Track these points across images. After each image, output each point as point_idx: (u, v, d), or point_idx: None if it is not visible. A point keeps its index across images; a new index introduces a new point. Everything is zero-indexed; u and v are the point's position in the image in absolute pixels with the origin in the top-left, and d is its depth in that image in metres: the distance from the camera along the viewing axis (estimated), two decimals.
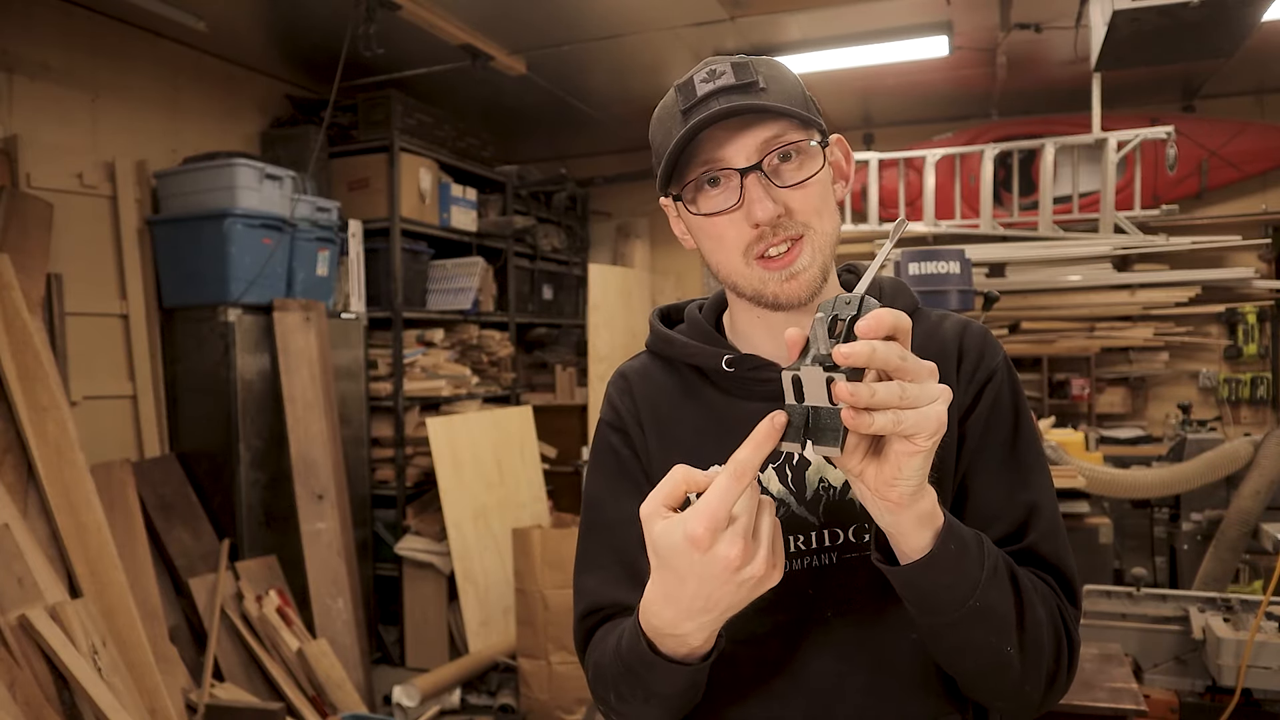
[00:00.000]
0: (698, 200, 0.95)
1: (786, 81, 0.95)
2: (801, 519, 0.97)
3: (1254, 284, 4.93)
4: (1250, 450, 3.21)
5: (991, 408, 0.98)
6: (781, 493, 0.98)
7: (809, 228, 0.93)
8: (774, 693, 0.97)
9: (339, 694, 3.36)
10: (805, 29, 4.10)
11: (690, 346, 1.04)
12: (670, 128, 0.95)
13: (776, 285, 0.94)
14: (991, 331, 1.05)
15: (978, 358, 1.00)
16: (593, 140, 6.01)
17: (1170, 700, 2.44)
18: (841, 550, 0.96)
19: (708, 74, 0.93)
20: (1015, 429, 0.99)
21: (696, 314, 1.09)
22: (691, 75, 0.94)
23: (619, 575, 1.02)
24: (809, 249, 0.93)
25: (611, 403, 1.09)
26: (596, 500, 1.07)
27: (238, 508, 3.60)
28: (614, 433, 1.07)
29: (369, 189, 4.38)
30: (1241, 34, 3.17)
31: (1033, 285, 4.88)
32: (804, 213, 0.93)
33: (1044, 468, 0.99)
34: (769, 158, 0.92)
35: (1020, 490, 0.96)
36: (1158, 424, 5.13)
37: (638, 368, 1.10)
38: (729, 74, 0.92)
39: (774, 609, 0.96)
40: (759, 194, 0.91)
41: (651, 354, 1.10)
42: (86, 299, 3.47)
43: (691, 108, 0.92)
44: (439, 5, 3.69)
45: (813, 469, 0.97)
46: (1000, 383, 0.99)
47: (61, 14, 3.45)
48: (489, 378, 5.04)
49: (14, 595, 2.55)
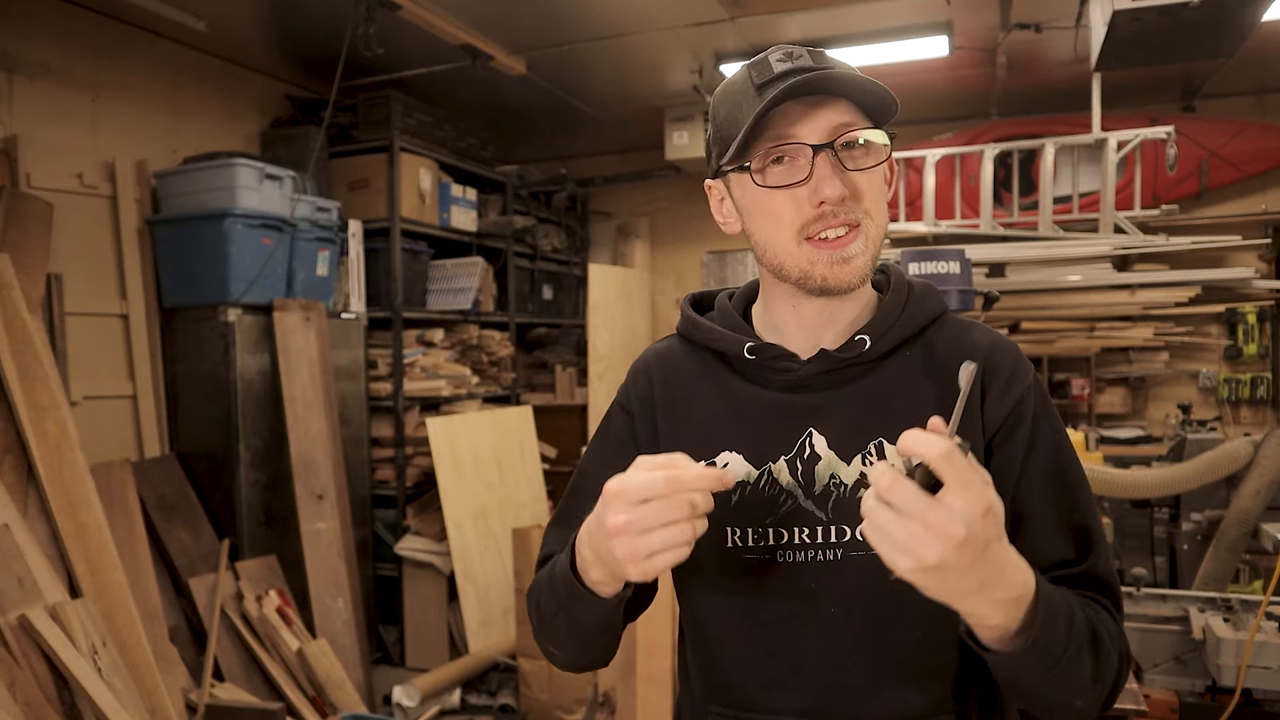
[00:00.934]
0: (765, 173, 0.95)
1: (858, 76, 0.96)
2: (809, 513, 0.97)
3: (1254, 284, 4.93)
4: (1250, 450, 3.21)
5: (1032, 430, 0.98)
6: (790, 485, 0.98)
7: (869, 215, 0.94)
8: (776, 681, 0.98)
9: (339, 694, 3.36)
10: (805, 29, 4.10)
11: (715, 332, 1.05)
12: (740, 102, 0.95)
13: (826, 267, 0.94)
14: (1020, 348, 1.05)
15: (1009, 377, 0.99)
16: (593, 140, 6.00)
17: (1170, 700, 2.43)
18: (848, 548, 0.96)
19: (784, 54, 0.94)
20: (1057, 449, 0.99)
21: (726, 302, 1.10)
22: (766, 55, 0.95)
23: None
24: (864, 237, 0.94)
25: (626, 384, 1.12)
26: (585, 468, 1.12)
27: (238, 508, 3.59)
28: (621, 412, 1.11)
29: (369, 189, 4.38)
30: (1241, 34, 3.17)
31: (1033, 285, 4.87)
32: (867, 198, 0.94)
33: (1087, 485, 1.00)
34: (841, 139, 0.92)
35: (1071, 512, 0.97)
36: (1158, 424, 5.12)
37: (661, 350, 1.12)
38: (806, 57, 0.93)
39: (778, 599, 0.97)
40: (828, 171, 0.91)
41: (680, 337, 1.12)
42: (86, 299, 3.47)
43: (767, 83, 0.93)
44: (439, 5, 3.69)
45: (823, 464, 0.98)
46: (1036, 402, 0.99)
47: (61, 14, 3.45)
48: (489, 378, 5.04)
49: (14, 595, 2.55)
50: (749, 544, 0.98)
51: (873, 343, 0.98)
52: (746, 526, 0.98)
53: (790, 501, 0.98)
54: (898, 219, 5.05)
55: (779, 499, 0.98)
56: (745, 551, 0.98)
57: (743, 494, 0.99)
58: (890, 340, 0.99)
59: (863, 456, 0.97)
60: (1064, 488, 0.98)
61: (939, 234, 4.94)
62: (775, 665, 0.98)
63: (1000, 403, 0.98)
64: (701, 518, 0.83)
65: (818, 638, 0.96)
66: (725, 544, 0.99)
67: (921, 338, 1.02)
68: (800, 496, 0.98)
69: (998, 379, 0.99)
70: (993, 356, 1.00)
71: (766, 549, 0.98)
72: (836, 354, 0.98)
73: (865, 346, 0.98)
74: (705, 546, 0.98)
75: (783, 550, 0.97)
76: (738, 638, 0.99)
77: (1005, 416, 0.97)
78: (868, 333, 0.99)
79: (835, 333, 1.00)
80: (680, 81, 4.75)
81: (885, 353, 1.00)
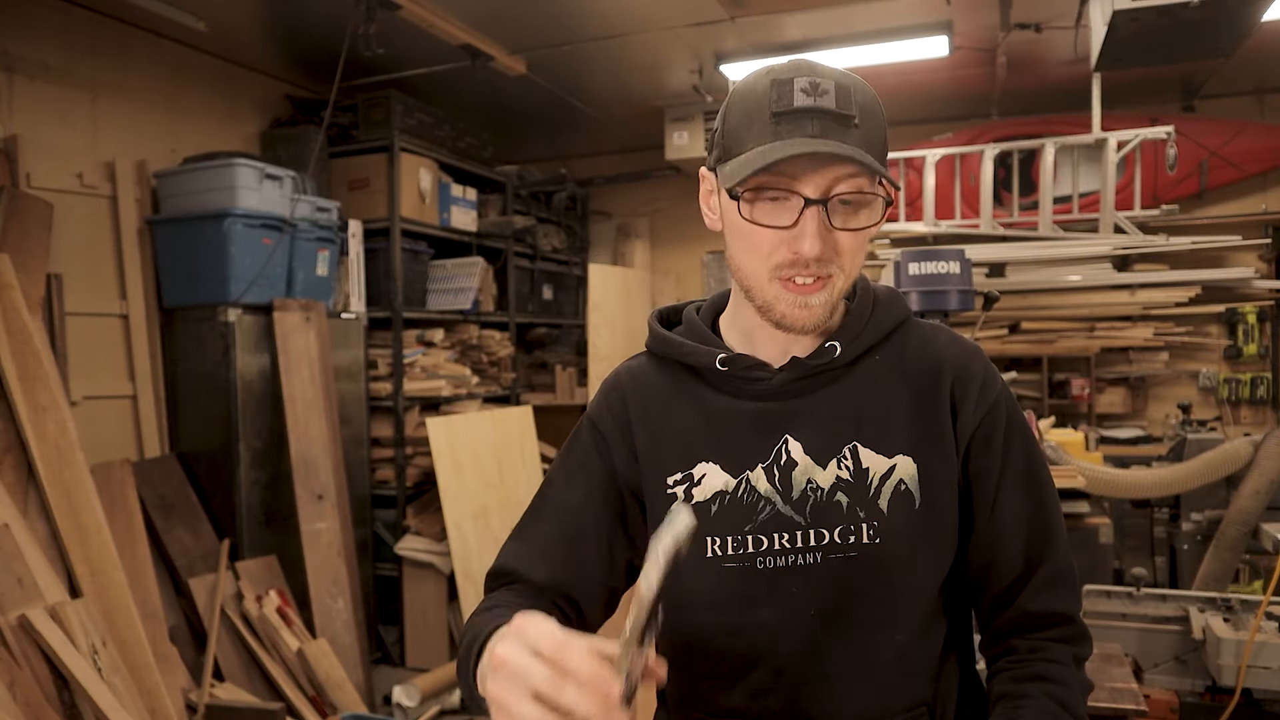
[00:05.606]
0: (754, 205, 0.93)
1: (877, 122, 0.94)
2: (788, 518, 0.98)
3: (1254, 284, 4.93)
4: (1250, 450, 3.21)
5: (1006, 435, 1.02)
6: (768, 492, 0.99)
7: (841, 270, 0.95)
8: (757, 684, 0.99)
9: (339, 694, 3.36)
10: (805, 29, 4.10)
11: (686, 346, 1.06)
12: (753, 119, 0.92)
13: (788, 307, 0.95)
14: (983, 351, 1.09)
15: (982, 385, 1.02)
16: (593, 140, 6.00)
17: (1170, 700, 2.44)
18: (826, 551, 0.97)
19: (810, 85, 0.90)
20: (1028, 452, 1.03)
21: (694, 316, 1.11)
22: (791, 78, 0.91)
23: (540, 552, 1.05)
24: (830, 289, 0.95)
25: (598, 401, 1.12)
26: (552, 479, 1.11)
27: (238, 508, 3.59)
28: (591, 429, 1.11)
29: (369, 189, 4.38)
30: (1241, 34, 3.17)
31: (1033, 285, 4.87)
32: (844, 256, 0.94)
33: (1052, 481, 1.04)
34: (836, 198, 0.92)
35: (1042, 511, 1.01)
36: (1158, 424, 5.12)
37: (633, 367, 1.13)
38: (831, 94, 0.90)
39: (759, 607, 0.98)
40: (814, 228, 0.91)
41: (650, 354, 1.12)
42: (86, 299, 3.46)
43: (784, 114, 0.90)
44: (439, 5, 3.69)
45: (800, 470, 0.99)
46: (1007, 406, 1.03)
47: (61, 14, 3.45)
48: (489, 378, 5.04)
49: (14, 595, 2.55)
50: (728, 553, 0.99)
51: (843, 349, 1.00)
52: (726, 535, 0.99)
53: (769, 508, 0.99)
54: (898, 219, 5.05)
55: (757, 506, 0.99)
56: (725, 561, 0.99)
57: (722, 504, 1.00)
58: (860, 345, 1.02)
59: (838, 460, 0.99)
60: (1035, 492, 1.02)
61: (939, 234, 4.94)
62: (758, 673, 0.99)
63: (976, 410, 1.01)
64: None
65: (799, 642, 0.97)
66: (705, 554, 1.00)
67: (889, 341, 1.04)
68: (778, 503, 0.99)
69: (971, 386, 1.02)
70: (966, 363, 1.03)
71: (746, 556, 0.99)
72: (808, 361, 1.00)
73: (836, 353, 1.00)
74: (684, 559, 0.99)
75: (762, 557, 0.98)
76: (721, 648, 1.01)
77: (980, 423, 1.01)
78: (838, 339, 1.01)
79: (805, 340, 1.02)
80: (680, 81, 4.75)
81: (855, 358, 1.02)
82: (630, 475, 1.06)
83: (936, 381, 1.01)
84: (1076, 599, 1.02)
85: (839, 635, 0.97)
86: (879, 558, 0.96)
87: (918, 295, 2.88)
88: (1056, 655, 0.98)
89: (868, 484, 0.98)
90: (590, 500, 1.06)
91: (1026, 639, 1.00)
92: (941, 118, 5.58)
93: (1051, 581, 1.00)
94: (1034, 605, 0.99)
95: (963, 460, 1.01)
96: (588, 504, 1.06)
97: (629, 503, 1.07)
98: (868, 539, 0.96)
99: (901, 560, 0.96)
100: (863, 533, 0.96)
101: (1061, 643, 0.99)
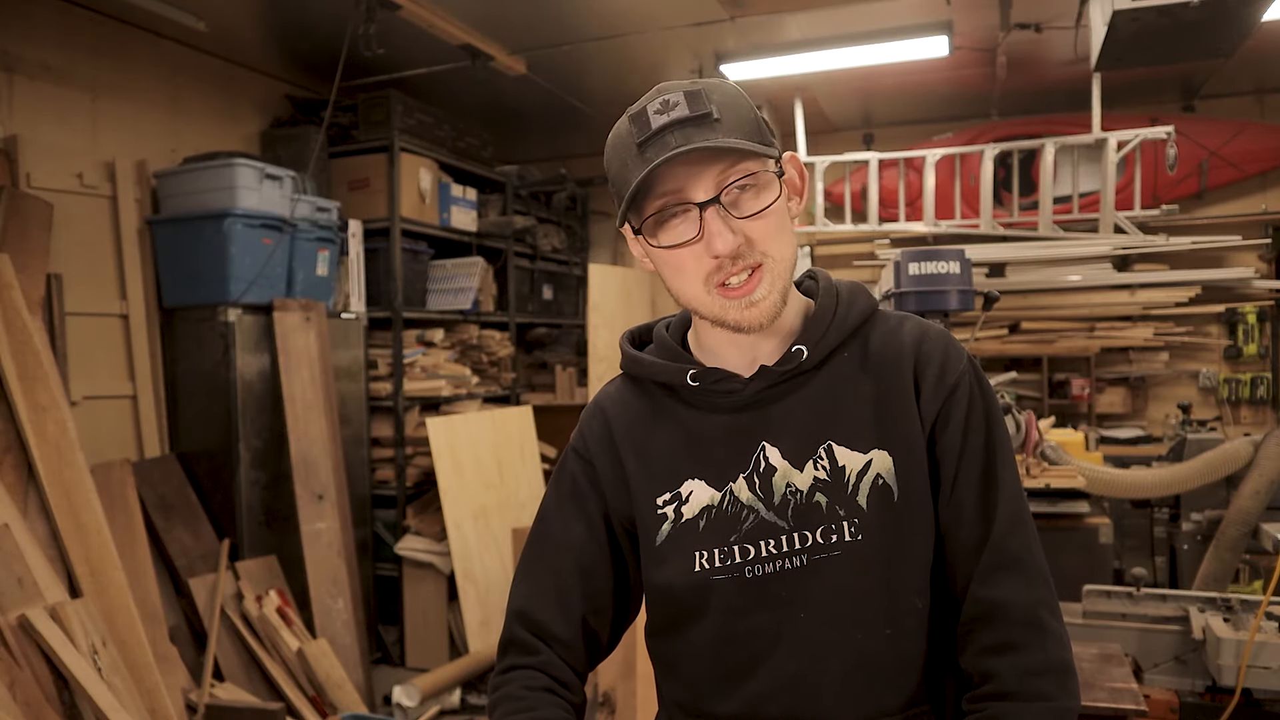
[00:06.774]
0: (659, 233, 0.97)
1: (739, 108, 0.96)
2: (771, 524, 0.99)
3: (1254, 284, 4.93)
4: (1250, 450, 3.21)
5: (967, 416, 1.01)
6: (750, 500, 1.00)
7: (768, 256, 0.96)
8: (752, 690, 1.00)
9: (339, 694, 3.36)
10: (805, 29, 4.10)
11: (657, 365, 1.07)
12: (626, 160, 0.96)
13: (737, 313, 0.96)
14: (953, 334, 1.08)
15: (941, 366, 1.02)
16: (593, 140, 5.95)
17: (1170, 700, 2.43)
18: (811, 552, 0.98)
19: (661, 105, 0.94)
20: (989, 434, 1.01)
21: (664, 333, 1.12)
22: (645, 106, 0.95)
23: (548, 590, 1.07)
24: (768, 277, 0.96)
25: (582, 430, 1.14)
26: (546, 514, 1.12)
27: (238, 508, 3.59)
28: (578, 459, 1.12)
29: (369, 189, 4.38)
30: (1241, 34, 3.17)
31: (1033, 285, 4.88)
32: (763, 241, 0.95)
33: (1015, 467, 1.02)
34: (727, 190, 0.93)
35: (988, 492, 0.99)
36: (1158, 424, 5.13)
37: (612, 393, 1.14)
38: (682, 104, 0.93)
39: (749, 611, 0.99)
40: (719, 226, 0.93)
41: (625, 376, 1.14)
42: (86, 299, 3.47)
43: (646, 140, 0.93)
44: (439, 5, 3.69)
45: (779, 475, 1.00)
46: (971, 386, 1.02)
47: (61, 14, 3.45)
48: (489, 378, 5.04)
49: (14, 595, 2.55)
50: (716, 564, 1.00)
51: (810, 351, 1.01)
52: (713, 548, 1.00)
53: (752, 517, 1.00)
54: (897, 219, 5.05)
55: (741, 516, 1.00)
56: (713, 573, 1.00)
57: (709, 518, 1.01)
58: (826, 346, 1.02)
59: (814, 461, 0.99)
60: (991, 474, 1.00)
61: (939, 234, 4.94)
62: (755, 681, 0.99)
63: (935, 394, 1.01)
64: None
65: (793, 646, 0.98)
66: (693, 569, 1.01)
67: (856, 337, 1.05)
68: (761, 510, 1.00)
69: (930, 369, 1.02)
70: (922, 348, 1.03)
71: (735, 567, 1.00)
72: (776, 369, 1.01)
73: (803, 357, 1.01)
74: (673, 575, 1.01)
75: (750, 565, 0.99)
76: (716, 659, 1.01)
77: (940, 405, 1.01)
78: (804, 343, 1.02)
79: (771, 346, 1.03)
80: None
81: (823, 358, 1.03)
82: (621, 500, 1.08)
83: (900, 370, 1.02)
84: (1029, 585, 0.96)
85: (831, 636, 0.97)
86: (862, 553, 0.97)
87: (917, 295, 2.87)
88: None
89: (845, 482, 0.98)
90: (592, 531, 1.08)
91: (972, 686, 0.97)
92: (941, 118, 5.58)
93: (998, 566, 0.96)
94: (982, 592, 0.96)
95: (928, 443, 1.01)
96: (591, 536, 1.08)
97: (624, 527, 1.09)
98: (850, 536, 0.97)
99: (885, 554, 0.97)
100: (844, 530, 0.97)
101: (997, 697, 0.94)
